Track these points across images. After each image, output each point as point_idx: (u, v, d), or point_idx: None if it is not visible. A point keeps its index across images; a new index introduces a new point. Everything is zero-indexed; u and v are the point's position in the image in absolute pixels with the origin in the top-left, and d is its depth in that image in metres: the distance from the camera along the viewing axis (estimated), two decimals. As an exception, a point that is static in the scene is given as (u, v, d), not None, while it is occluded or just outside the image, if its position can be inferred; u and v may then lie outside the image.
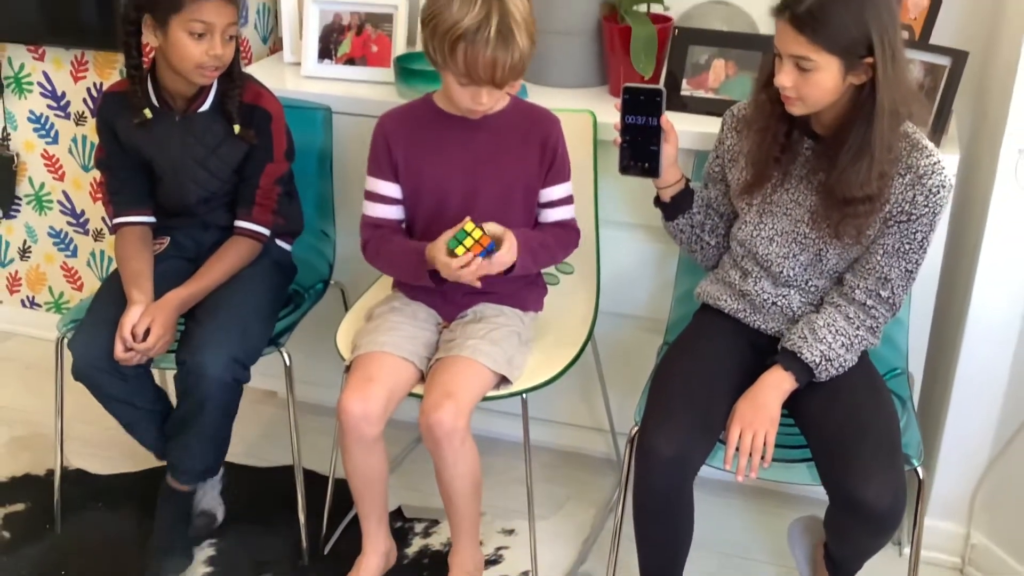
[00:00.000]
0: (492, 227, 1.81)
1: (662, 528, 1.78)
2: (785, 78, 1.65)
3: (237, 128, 2.02)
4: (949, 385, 2.09)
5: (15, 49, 2.68)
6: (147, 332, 1.94)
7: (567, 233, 1.99)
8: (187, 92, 2.03)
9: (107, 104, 2.07)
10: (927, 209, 1.69)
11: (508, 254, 1.81)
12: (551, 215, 1.97)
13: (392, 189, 1.95)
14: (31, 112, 2.74)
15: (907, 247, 1.72)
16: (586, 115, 2.09)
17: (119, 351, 1.93)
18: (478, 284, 1.83)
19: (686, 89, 2.16)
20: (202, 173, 2.06)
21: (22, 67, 2.70)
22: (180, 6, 1.89)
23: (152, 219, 2.12)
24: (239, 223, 2.08)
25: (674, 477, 1.72)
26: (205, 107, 2.03)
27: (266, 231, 2.10)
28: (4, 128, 2.77)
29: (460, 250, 1.78)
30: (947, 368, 2.13)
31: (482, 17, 1.72)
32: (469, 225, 1.78)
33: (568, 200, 1.98)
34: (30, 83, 2.71)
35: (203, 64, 1.93)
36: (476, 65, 1.74)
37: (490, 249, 1.79)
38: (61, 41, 2.60)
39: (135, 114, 2.02)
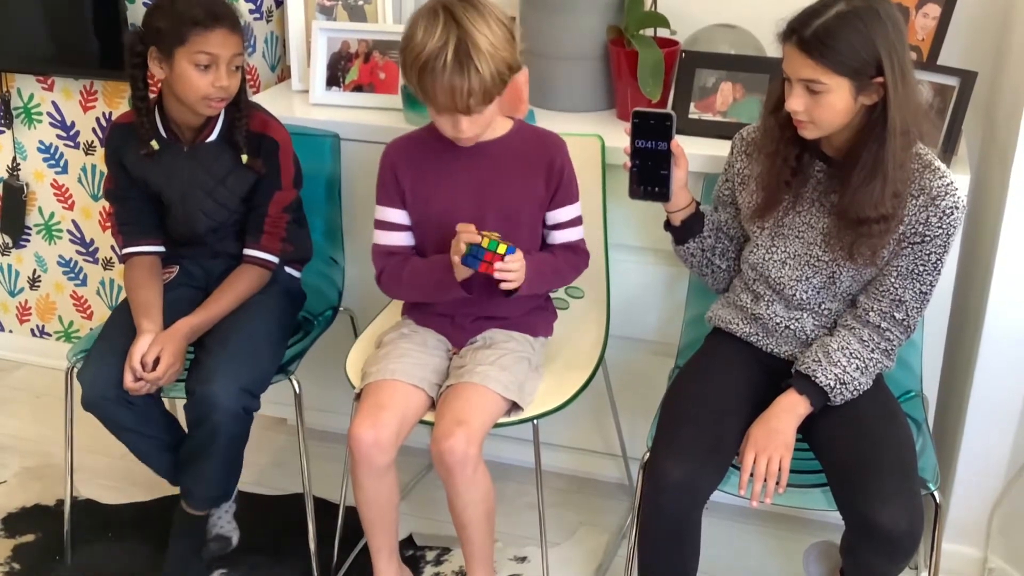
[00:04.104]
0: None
1: (667, 555, 1.77)
2: (796, 102, 1.64)
3: (245, 158, 2.02)
4: (964, 407, 2.07)
5: (24, 79, 2.70)
6: (156, 362, 1.94)
7: (576, 255, 1.98)
8: (194, 123, 2.03)
9: (115, 135, 2.08)
10: (941, 230, 1.68)
11: (516, 265, 1.79)
12: (559, 237, 1.97)
13: (401, 216, 1.95)
14: (40, 142, 2.76)
15: (921, 269, 1.71)
16: (594, 139, 2.09)
17: (128, 381, 1.93)
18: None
19: (694, 112, 2.16)
20: (210, 203, 2.06)
21: (31, 97, 2.71)
22: (184, 39, 1.90)
23: (161, 248, 2.12)
24: (248, 251, 2.08)
25: (683, 502, 1.70)
26: (212, 137, 2.04)
27: (275, 259, 2.10)
28: (14, 158, 2.79)
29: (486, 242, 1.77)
30: (961, 390, 2.11)
31: (441, 43, 1.72)
32: (495, 235, 1.78)
33: (576, 221, 1.98)
34: (39, 113, 2.72)
35: (209, 95, 1.94)
36: (436, 91, 1.75)
37: (490, 248, 1.77)
38: (70, 71, 2.61)
39: (142, 146, 2.02)
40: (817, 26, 1.59)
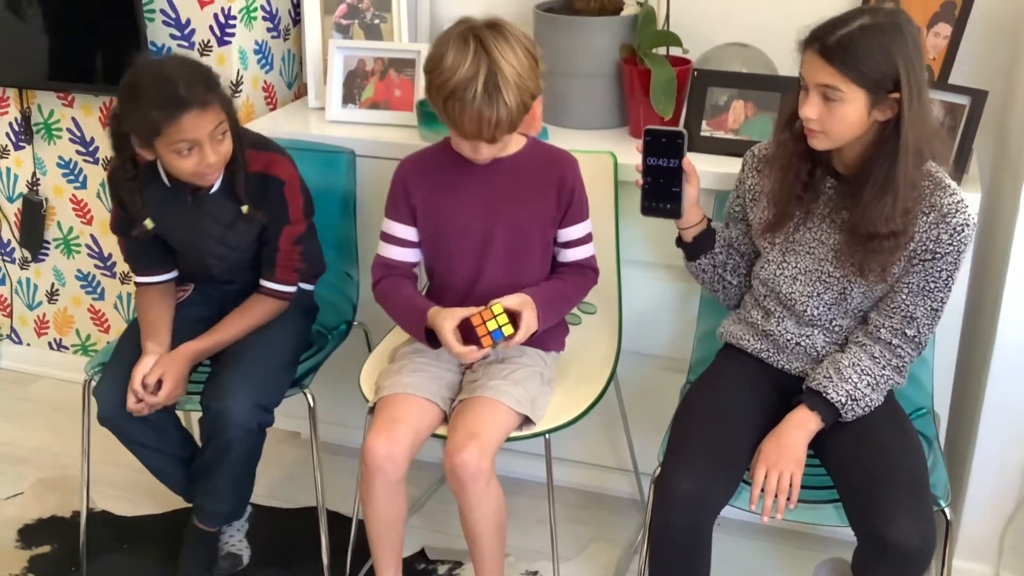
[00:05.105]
0: (510, 301, 1.84)
1: (678, 570, 1.77)
2: (810, 109, 1.65)
3: (246, 208, 1.98)
4: (975, 425, 2.07)
5: (45, 96, 2.73)
6: (160, 384, 1.95)
7: (583, 274, 2.00)
8: None
9: (116, 177, 2.00)
10: (951, 247, 1.69)
11: (526, 330, 1.84)
12: (570, 255, 1.99)
13: (407, 232, 1.97)
14: (60, 157, 2.79)
15: (932, 286, 1.71)
16: (606, 156, 2.11)
17: (131, 402, 1.95)
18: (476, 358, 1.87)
19: (706, 130, 2.18)
20: (221, 248, 2.05)
21: (51, 113, 2.75)
22: (159, 131, 1.82)
23: (174, 274, 2.12)
24: (264, 283, 2.08)
25: (693, 516, 1.71)
26: (215, 188, 2.00)
27: (291, 289, 2.09)
28: (34, 173, 2.82)
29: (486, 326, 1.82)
30: (973, 407, 2.11)
31: (471, 74, 1.73)
32: (497, 307, 1.82)
33: (587, 239, 1.99)
34: (59, 129, 2.76)
35: (200, 172, 1.89)
36: (463, 120, 1.77)
37: (496, 339, 1.82)
38: (90, 88, 2.64)
39: (135, 225, 1.97)
40: (841, 35, 1.60)
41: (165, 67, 1.86)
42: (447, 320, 1.83)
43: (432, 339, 1.89)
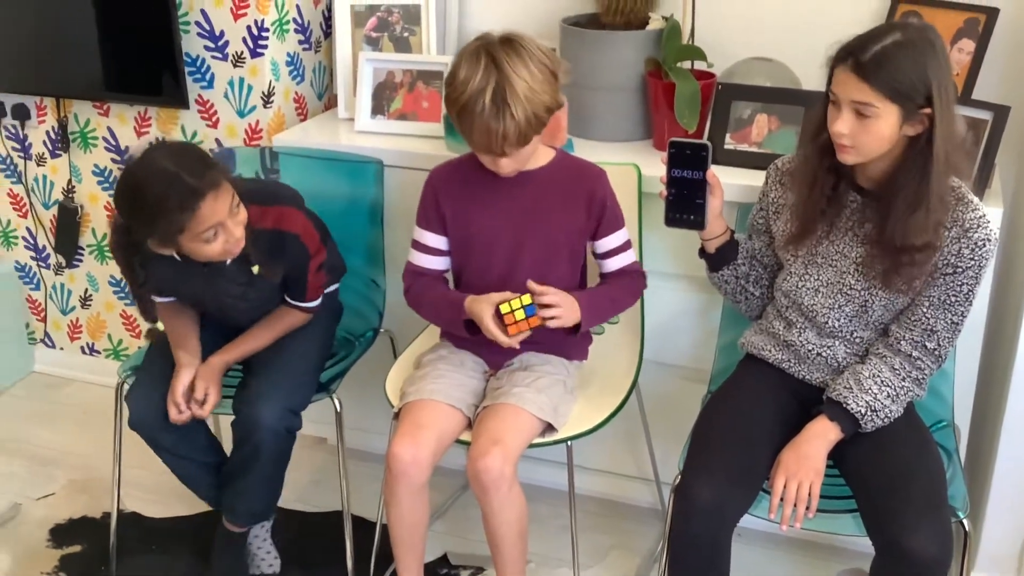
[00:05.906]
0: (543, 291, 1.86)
1: None
2: (843, 125, 1.65)
3: (257, 268, 1.96)
4: (996, 438, 2.08)
5: (81, 105, 2.79)
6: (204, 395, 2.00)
7: (631, 279, 2.02)
8: None
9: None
10: (973, 262, 1.70)
11: (563, 314, 1.85)
12: (611, 264, 2.01)
13: (438, 241, 2.01)
14: (95, 166, 2.84)
15: (953, 299, 1.73)
16: (631, 168, 2.14)
17: (173, 414, 1.99)
18: (516, 345, 1.88)
19: (729, 143, 2.20)
20: (242, 304, 2.06)
21: (87, 122, 2.80)
22: (182, 229, 1.78)
23: None
24: (289, 300, 2.10)
25: (712, 525, 1.72)
26: (228, 260, 1.95)
27: (317, 303, 2.12)
28: (69, 180, 2.88)
29: (515, 315, 1.84)
30: (994, 421, 2.11)
31: (481, 87, 1.76)
32: (527, 298, 1.84)
33: (626, 246, 2.01)
34: (95, 138, 2.81)
35: (228, 250, 1.87)
36: (473, 132, 1.80)
37: (530, 313, 1.84)
38: (125, 98, 2.69)
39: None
40: (876, 51, 1.60)
41: (158, 163, 1.78)
42: (485, 304, 1.86)
43: (472, 329, 1.92)
